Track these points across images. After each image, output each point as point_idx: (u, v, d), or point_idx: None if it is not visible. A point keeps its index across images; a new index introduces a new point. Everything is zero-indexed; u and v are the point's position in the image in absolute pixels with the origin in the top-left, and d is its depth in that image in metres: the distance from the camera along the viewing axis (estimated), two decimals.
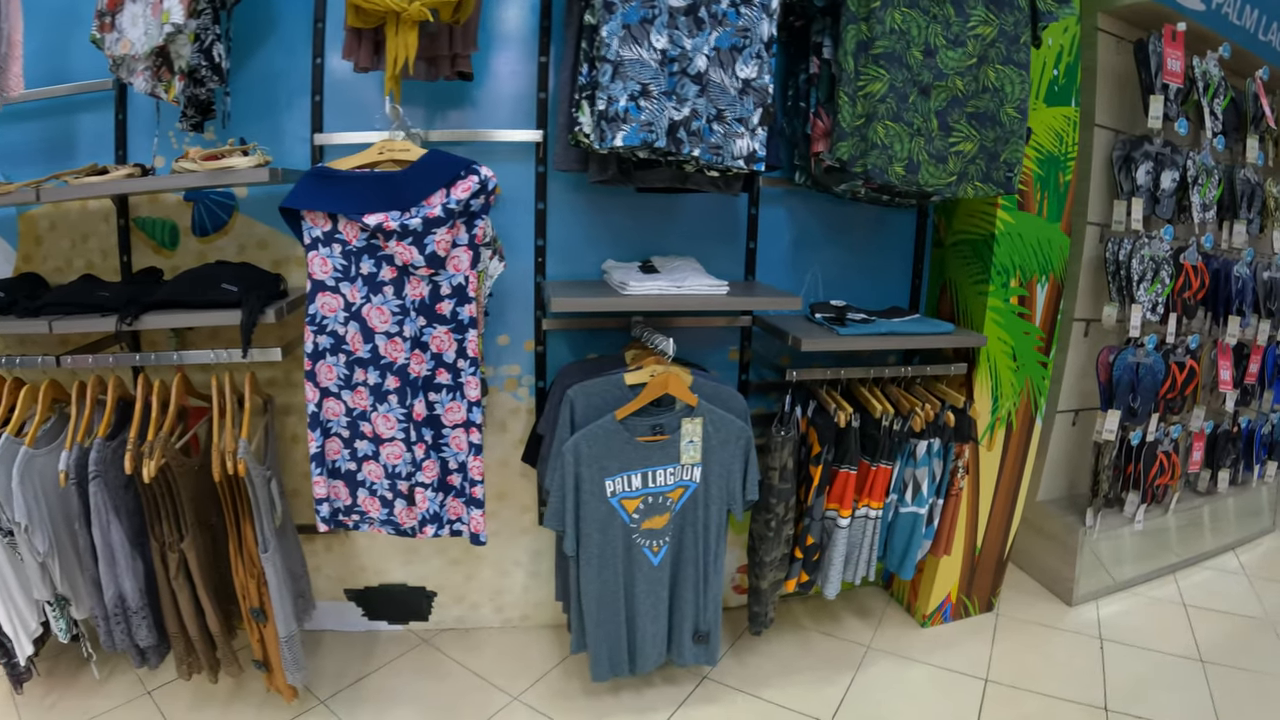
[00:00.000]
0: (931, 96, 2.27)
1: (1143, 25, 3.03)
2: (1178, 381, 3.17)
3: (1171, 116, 2.97)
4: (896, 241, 2.91)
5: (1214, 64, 3.10)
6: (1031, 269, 2.75)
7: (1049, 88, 2.68)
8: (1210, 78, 3.10)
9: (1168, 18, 2.96)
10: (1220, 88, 3.12)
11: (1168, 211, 3.04)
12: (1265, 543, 4.06)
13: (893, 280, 2.93)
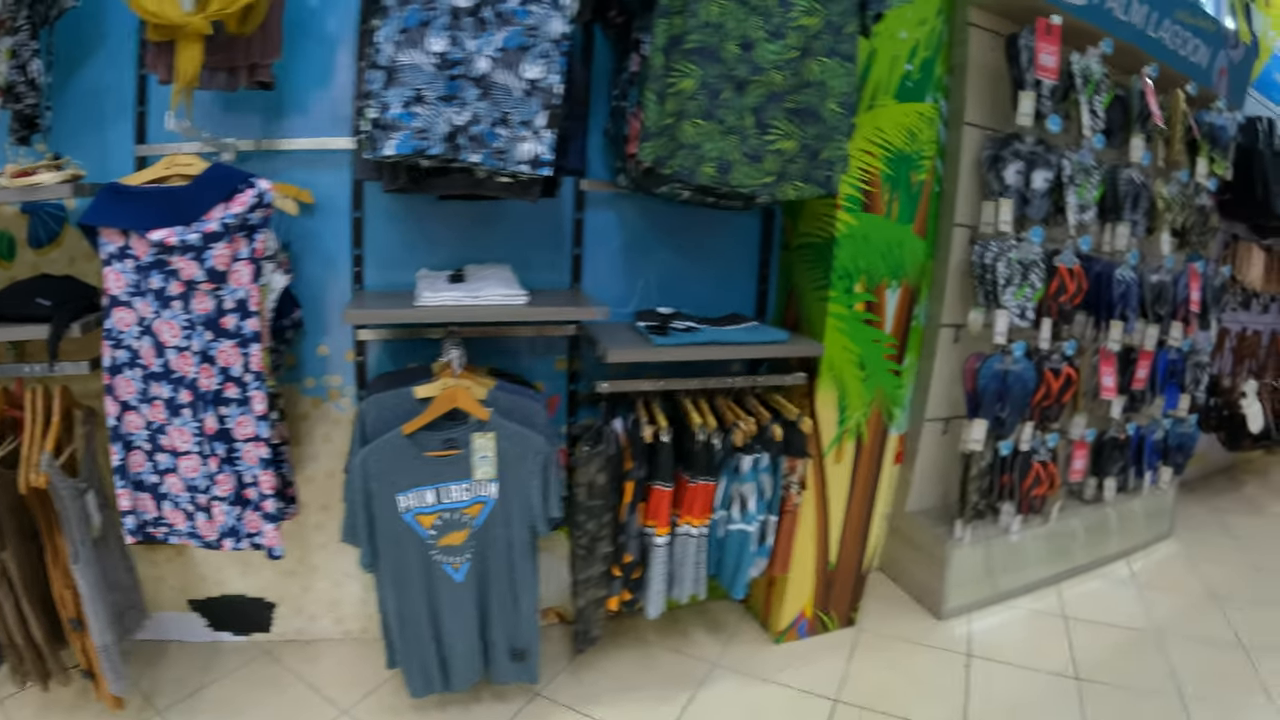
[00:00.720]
0: (747, 92, 2.07)
1: (1018, 20, 2.79)
2: (1053, 389, 2.95)
3: (1044, 114, 2.73)
4: (742, 245, 2.70)
5: (1095, 60, 2.85)
6: (880, 273, 2.53)
7: (901, 83, 2.47)
8: (1091, 74, 2.85)
9: (1043, 12, 2.73)
10: (1102, 85, 2.87)
11: (1040, 213, 2.80)
12: (1162, 549, 3.86)
13: (738, 285, 2.73)
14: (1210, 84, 3.45)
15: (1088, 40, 2.89)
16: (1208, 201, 3.43)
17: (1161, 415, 3.55)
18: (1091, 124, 2.86)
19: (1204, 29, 3.31)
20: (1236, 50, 3.52)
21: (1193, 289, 3.38)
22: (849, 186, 2.44)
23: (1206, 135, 3.41)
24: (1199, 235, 3.41)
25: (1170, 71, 3.24)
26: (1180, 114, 3.23)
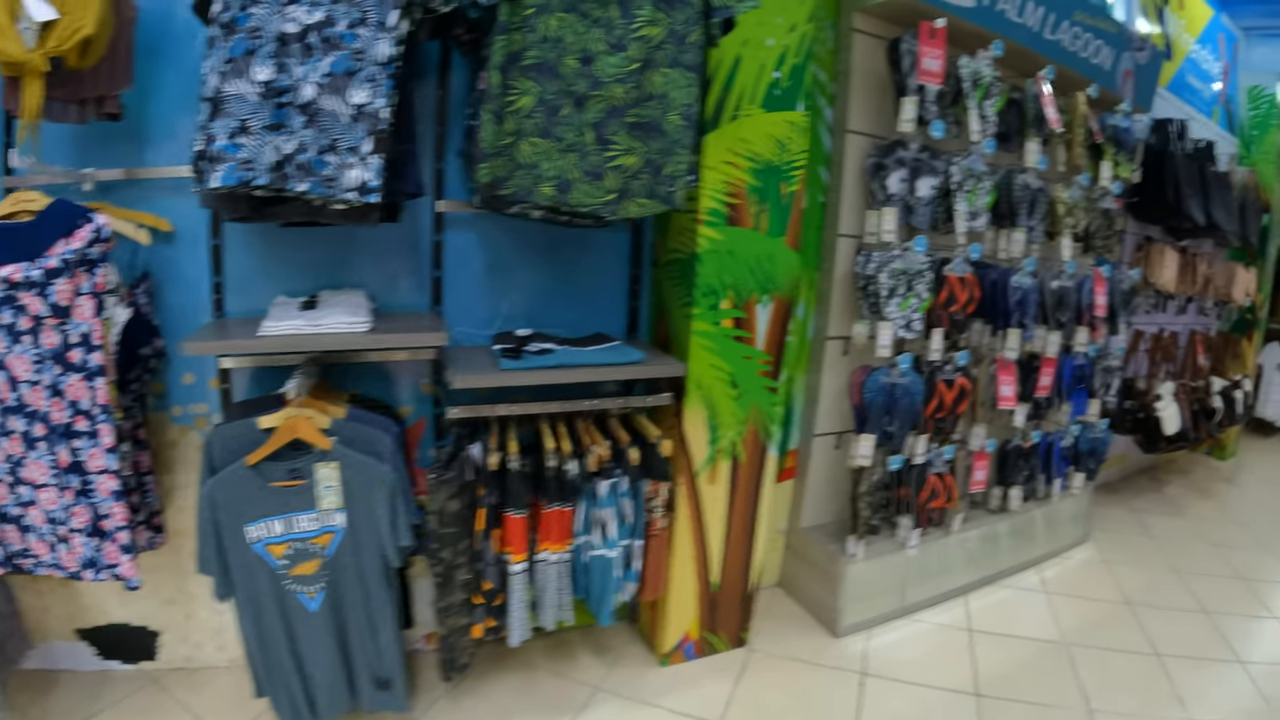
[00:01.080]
0: (587, 108, 1.95)
1: (904, 24, 2.67)
2: (947, 401, 2.83)
3: (928, 120, 2.59)
4: (612, 261, 2.57)
5: (986, 63, 2.72)
6: (749, 288, 2.40)
7: (769, 91, 2.35)
8: (981, 78, 2.72)
9: (930, 16, 2.60)
10: (993, 88, 2.73)
11: (925, 221, 2.67)
12: (1077, 554, 3.77)
13: (608, 303, 2.60)
14: (1114, 87, 3.33)
15: (979, 43, 2.76)
16: (1113, 205, 3.31)
17: (1070, 421, 3.43)
18: (981, 129, 2.73)
19: (1106, 31, 3.19)
20: (1143, 53, 3.40)
21: (1098, 293, 3.27)
22: (712, 200, 2.31)
23: (1111, 138, 3.29)
24: (1104, 239, 3.29)
25: (1070, 74, 3.11)
26: (1080, 117, 3.10)
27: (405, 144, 2.01)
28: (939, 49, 2.59)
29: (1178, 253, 4.10)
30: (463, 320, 2.40)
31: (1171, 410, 4.01)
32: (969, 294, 2.79)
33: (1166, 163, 3.84)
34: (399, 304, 2.30)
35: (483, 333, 2.45)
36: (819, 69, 2.80)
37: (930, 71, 2.57)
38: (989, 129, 2.76)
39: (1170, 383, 4.11)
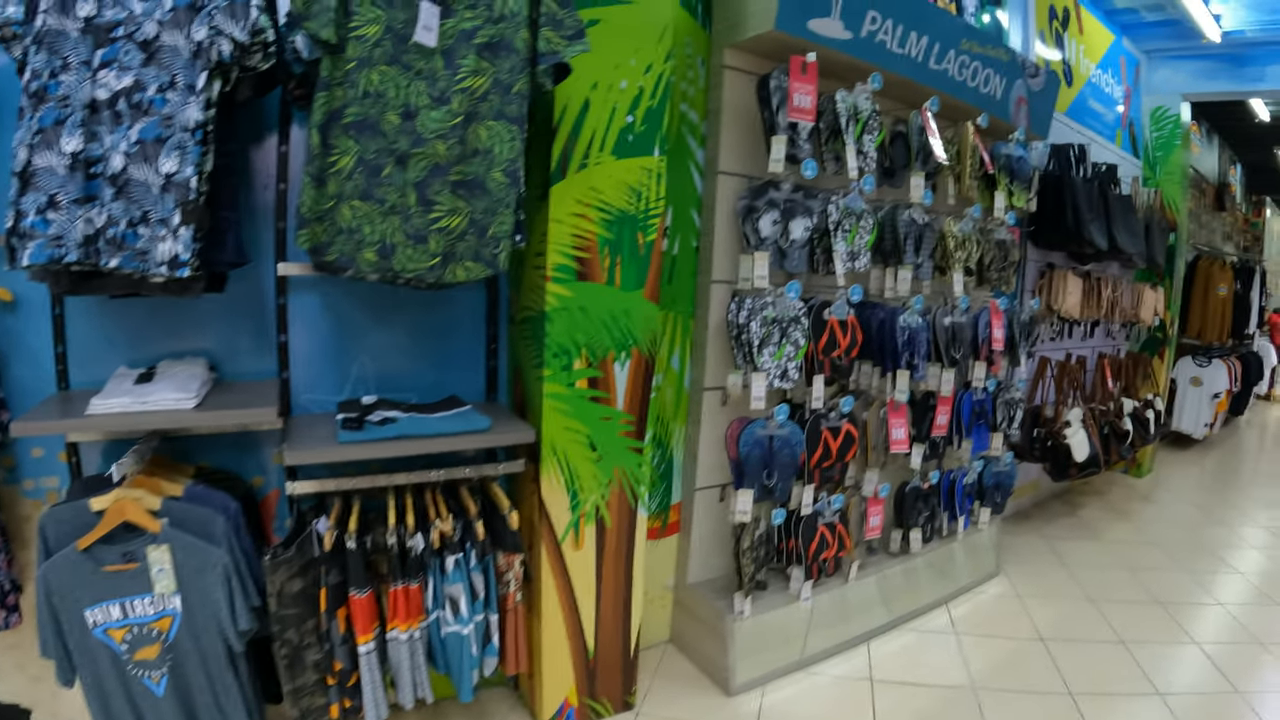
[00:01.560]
0: (410, 166, 1.78)
1: (777, 59, 2.47)
2: (833, 448, 2.64)
3: (800, 158, 2.40)
4: (467, 319, 2.36)
5: (864, 97, 2.54)
6: (604, 346, 2.20)
7: (621, 137, 2.17)
8: (860, 112, 2.54)
9: (802, 50, 2.41)
10: (873, 123, 2.56)
11: (799, 264, 2.49)
12: (988, 590, 3.61)
13: (464, 364, 2.38)
14: (1007, 115, 3.18)
15: (859, 76, 2.58)
16: (1007, 235, 3.16)
17: (972, 458, 3.27)
18: (859, 165, 2.55)
19: (997, 59, 3.04)
20: (1037, 79, 3.27)
21: (995, 326, 3.11)
22: (560, 255, 2.12)
23: (1004, 168, 3.14)
24: (999, 271, 3.14)
25: (959, 104, 2.96)
26: (970, 148, 2.95)
27: (225, 211, 1.84)
28: (810, 84, 2.41)
29: (1081, 278, 3.99)
30: (312, 386, 2.20)
31: (1080, 437, 3.88)
32: (851, 337, 2.61)
33: (1066, 188, 3.72)
34: (244, 371, 2.10)
35: (333, 399, 2.22)
36: (689, 108, 2.62)
37: (801, 108, 2.39)
38: (868, 165, 2.59)
39: (1078, 409, 3.98)
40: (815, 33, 2.45)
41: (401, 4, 1.76)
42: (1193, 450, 6.29)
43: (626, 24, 2.13)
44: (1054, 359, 4.09)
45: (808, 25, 2.43)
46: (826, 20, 2.47)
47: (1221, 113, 5.97)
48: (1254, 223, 8.36)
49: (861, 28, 2.56)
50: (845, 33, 2.52)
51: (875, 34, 2.60)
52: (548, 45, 1.84)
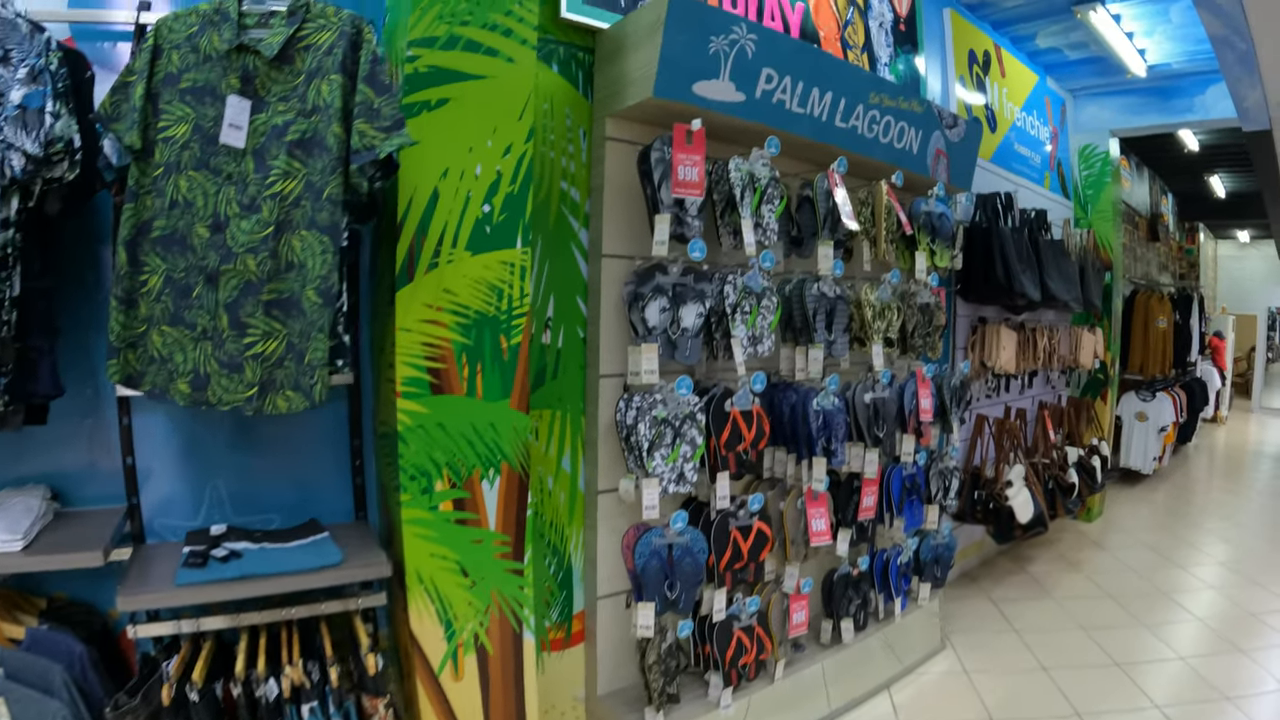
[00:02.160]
0: (221, 285, 1.54)
1: (665, 127, 2.19)
2: (744, 549, 2.31)
3: (689, 236, 2.10)
4: (330, 432, 2.04)
5: (761, 164, 2.25)
6: (469, 464, 1.87)
7: (477, 230, 1.87)
8: (758, 180, 2.24)
9: (689, 116, 2.12)
10: (772, 191, 2.27)
11: (692, 355, 2.18)
12: (934, 666, 3.29)
13: (330, 481, 2.06)
14: (925, 170, 2.92)
15: (757, 140, 2.29)
16: (931, 298, 2.88)
17: (906, 535, 2.96)
18: (759, 239, 2.26)
19: (910, 112, 2.78)
20: (955, 129, 3.01)
21: (922, 397, 2.82)
22: (411, 368, 1.80)
23: (924, 226, 2.87)
24: (924, 337, 2.85)
25: (870, 162, 2.69)
26: (885, 208, 2.67)
27: (37, 339, 1.58)
28: (697, 154, 2.11)
29: (1015, 331, 3.73)
30: (165, 511, 1.91)
31: (1023, 497, 3.60)
32: (757, 429, 2.30)
33: (994, 240, 3.46)
34: (91, 497, 1.82)
35: (187, 524, 1.92)
36: (570, 185, 2.33)
37: (687, 182, 2.09)
38: (769, 238, 2.30)
39: (1020, 466, 3.71)
40: (703, 97, 2.17)
41: (211, 100, 1.52)
42: (1143, 485, 6.07)
43: (482, 101, 1.85)
44: (992, 416, 3.82)
45: (693, 89, 2.14)
46: (715, 83, 2.18)
47: (1151, 145, 5.83)
48: (1188, 250, 8.26)
49: (756, 88, 2.27)
50: (737, 95, 2.24)
51: (772, 94, 2.32)
52: (361, 141, 1.55)
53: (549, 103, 2.28)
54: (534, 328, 2.26)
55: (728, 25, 2.17)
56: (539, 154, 2.22)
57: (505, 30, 1.86)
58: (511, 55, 1.87)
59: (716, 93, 2.19)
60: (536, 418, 2.26)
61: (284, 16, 1.59)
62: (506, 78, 1.87)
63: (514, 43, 1.88)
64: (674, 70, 2.08)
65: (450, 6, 1.76)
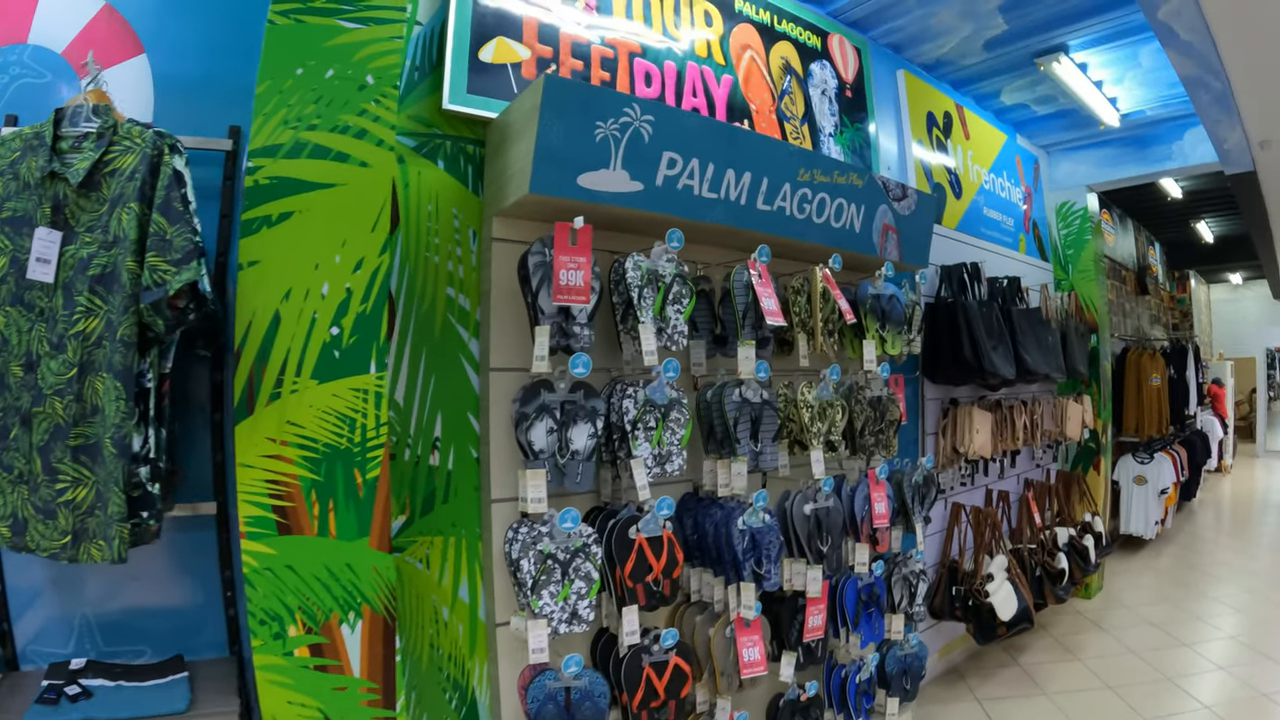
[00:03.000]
0: (34, 427, 1.37)
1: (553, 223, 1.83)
2: (659, 687, 1.91)
3: (576, 347, 1.75)
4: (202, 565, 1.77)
5: (665, 259, 1.90)
6: (325, 607, 1.58)
7: (324, 355, 1.60)
8: (662, 278, 1.88)
9: (577, 212, 1.79)
10: (677, 289, 1.91)
11: (584, 481, 1.82)
12: None
13: (203, 616, 1.78)
14: (872, 248, 2.55)
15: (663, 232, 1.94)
16: (884, 391, 2.48)
17: (864, 648, 2.52)
18: (662, 344, 1.89)
19: (848, 186, 2.42)
20: (905, 201, 2.65)
21: (876, 501, 2.41)
22: (255, 506, 1.51)
23: (871, 311, 2.49)
24: (876, 434, 2.45)
25: (803, 245, 2.33)
26: (820, 296, 2.29)
27: None
28: (582, 255, 1.77)
29: (989, 411, 3.30)
30: (37, 637, 1.67)
31: (1005, 592, 3.14)
32: (668, 556, 1.91)
33: (960, 316, 3.07)
34: None
35: (61, 651, 1.68)
36: (458, 292, 2.03)
37: (571, 287, 1.75)
38: (676, 341, 1.93)
39: (1001, 557, 3.25)
40: (592, 190, 1.83)
41: (27, 230, 1.35)
42: (1145, 552, 5.52)
43: (331, 212, 1.58)
44: (970, 503, 3.37)
45: (579, 181, 1.80)
46: (605, 173, 1.84)
47: (1133, 195, 5.41)
48: (1180, 299, 7.76)
49: (656, 175, 1.93)
50: (633, 184, 1.89)
51: (676, 180, 1.97)
52: (151, 276, 1.33)
53: (433, 203, 2.01)
54: (420, 450, 1.95)
55: (618, 107, 1.84)
56: (421, 259, 1.96)
57: (358, 132, 1.61)
58: (365, 159, 1.61)
59: (607, 184, 1.85)
60: (427, 545, 1.94)
61: (94, 138, 1.39)
62: (359, 184, 1.60)
63: (368, 145, 1.62)
64: (553, 162, 1.75)
65: (296, 111, 1.54)
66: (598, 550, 1.81)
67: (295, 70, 1.55)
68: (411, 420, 2.00)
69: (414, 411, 2.01)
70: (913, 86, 3.35)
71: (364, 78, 1.61)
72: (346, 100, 1.59)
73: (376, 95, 1.63)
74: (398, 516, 1.93)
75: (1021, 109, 4.02)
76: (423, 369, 2.00)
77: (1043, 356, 3.46)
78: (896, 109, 3.30)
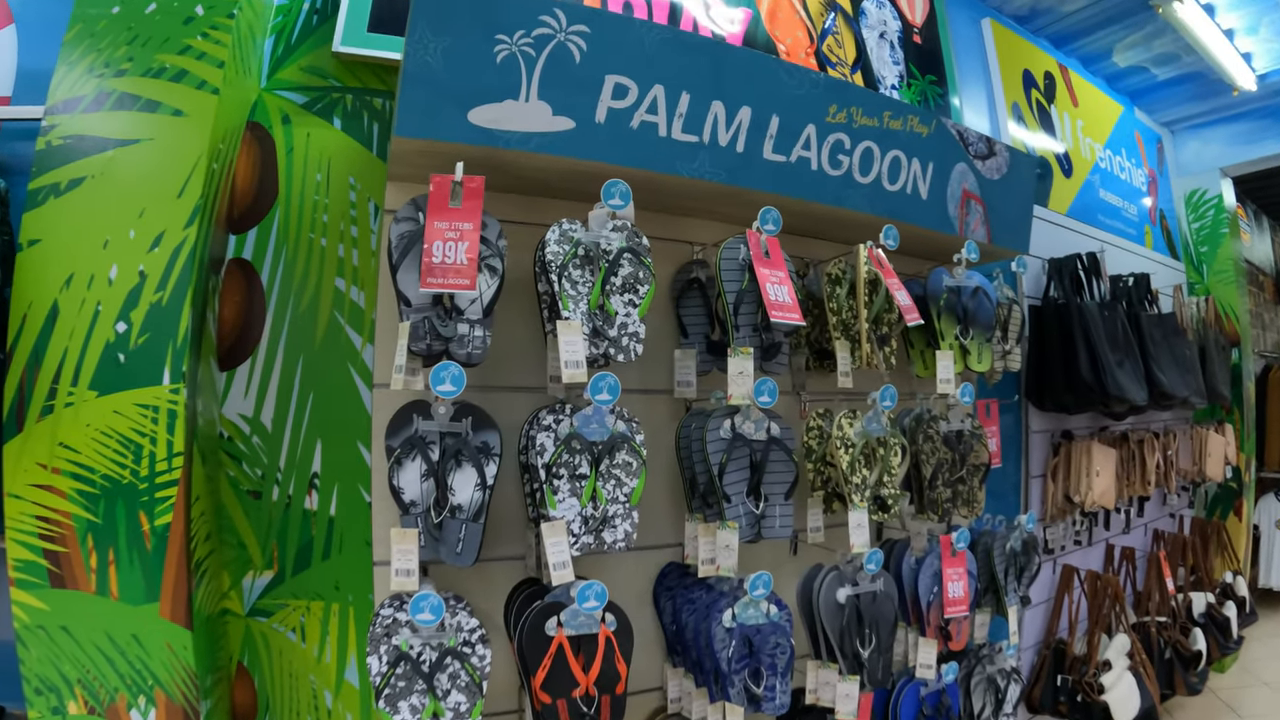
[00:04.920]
0: None
1: None
2: None
3: (457, 354, 0.96)
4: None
5: (610, 228, 1.13)
6: (109, 685, 1.06)
7: (107, 360, 1.11)
8: (605, 255, 1.11)
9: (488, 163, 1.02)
10: (634, 270, 1.11)
11: (466, 553, 1.03)
12: None
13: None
14: (946, 223, 1.62)
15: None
16: (965, 424, 1.55)
17: None
18: (604, 351, 1.08)
19: (907, 133, 1.52)
20: (994, 160, 1.70)
21: (950, 579, 1.48)
22: (22, 547, 1.02)
23: (949, 310, 1.57)
24: (953, 484, 1.52)
25: (840, 218, 1.45)
26: (866, 285, 1.40)
27: None
28: (468, 221, 1.01)
29: (1112, 447, 2.23)
30: None
31: (1126, 685, 2.08)
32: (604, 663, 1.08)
33: (1075, 322, 2.07)
34: None
35: None
36: (350, 283, 1.39)
37: (448, 267, 0.97)
38: (628, 349, 1.10)
39: (1122, 637, 2.18)
40: (493, 130, 1.06)
41: None
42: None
43: (131, 175, 1.10)
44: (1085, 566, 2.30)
45: (471, 119, 1.02)
46: (512, 106, 1.07)
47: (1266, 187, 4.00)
48: None
49: (595, 109, 1.13)
50: (559, 121, 1.10)
51: (628, 115, 1.16)
52: None
53: (323, 170, 1.38)
54: (292, 488, 1.34)
55: (531, 16, 1.07)
56: (302, 242, 1.36)
57: (176, 74, 1.13)
58: (180, 106, 1.12)
59: (517, 120, 1.07)
60: (303, 610, 1.33)
61: None
62: (168, 139, 1.11)
63: (186, 89, 1.13)
64: (427, 91, 1.01)
65: (106, 55, 1.12)
66: (485, 652, 1.01)
67: (111, 8, 1.12)
68: (282, 449, 1.31)
69: (285, 438, 1.31)
70: (1003, 39, 2.36)
71: (193, 8, 1.15)
72: (168, 37, 1.14)
73: (205, 28, 1.15)
74: (263, 572, 1.30)
75: (1138, 73, 2.89)
76: (298, 383, 1.33)
77: (1180, 376, 2.36)
78: (983, 65, 2.32)
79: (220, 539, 1.28)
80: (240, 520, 1.30)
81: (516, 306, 1.26)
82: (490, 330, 1.05)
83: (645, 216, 1.39)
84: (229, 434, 1.30)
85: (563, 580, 1.05)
